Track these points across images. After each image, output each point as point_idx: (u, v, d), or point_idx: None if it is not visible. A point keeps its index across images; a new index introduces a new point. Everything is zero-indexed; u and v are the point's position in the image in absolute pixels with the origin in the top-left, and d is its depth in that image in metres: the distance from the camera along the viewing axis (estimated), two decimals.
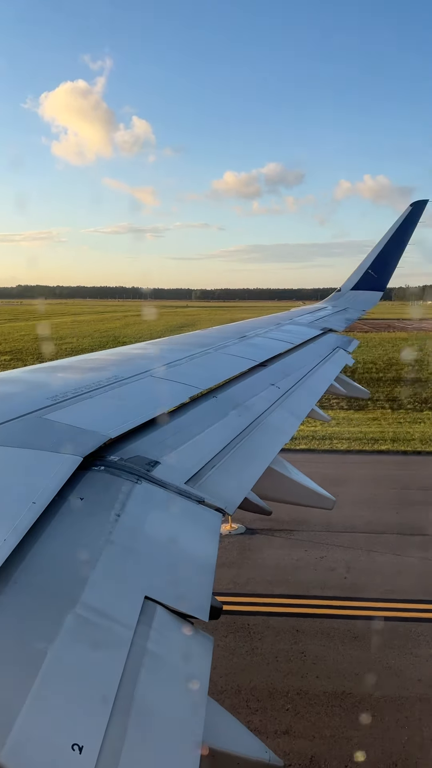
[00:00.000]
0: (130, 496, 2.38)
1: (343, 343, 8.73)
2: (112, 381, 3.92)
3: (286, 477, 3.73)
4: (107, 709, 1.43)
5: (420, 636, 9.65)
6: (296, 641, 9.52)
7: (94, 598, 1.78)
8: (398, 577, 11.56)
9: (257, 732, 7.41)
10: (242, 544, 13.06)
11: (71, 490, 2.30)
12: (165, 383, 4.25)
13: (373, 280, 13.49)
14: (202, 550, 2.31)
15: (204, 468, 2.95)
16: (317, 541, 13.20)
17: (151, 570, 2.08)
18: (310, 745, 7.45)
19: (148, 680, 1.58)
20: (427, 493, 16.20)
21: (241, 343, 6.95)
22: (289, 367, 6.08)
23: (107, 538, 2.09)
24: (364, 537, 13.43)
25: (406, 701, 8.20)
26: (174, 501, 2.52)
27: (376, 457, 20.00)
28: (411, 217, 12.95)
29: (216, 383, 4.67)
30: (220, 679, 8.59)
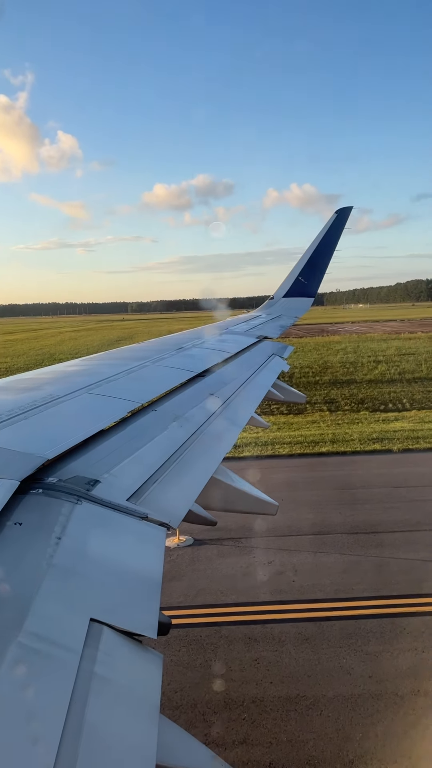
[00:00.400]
0: (71, 518, 2.33)
1: (278, 350, 8.87)
2: (47, 400, 3.84)
3: (230, 486, 3.75)
4: (56, 738, 1.40)
5: (369, 633, 9.85)
6: (249, 649, 9.55)
7: (37, 624, 1.74)
8: (344, 575, 11.79)
9: (215, 745, 7.42)
10: (191, 555, 13.01)
11: (8, 516, 2.23)
12: (103, 399, 4.20)
13: (304, 287, 13.78)
14: (147, 566, 2.28)
15: (146, 483, 2.93)
16: (265, 546, 13.30)
17: (96, 591, 2.04)
18: (268, 752, 7.46)
19: (97, 705, 1.55)
20: (367, 492, 16.62)
21: (179, 354, 6.96)
22: (227, 377, 6.13)
23: (48, 562, 2.04)
24: (309, 539, 13.63)
25: (358, 698, 8.34)
26: (116, 519, 2.49)
27: (318, 459, 20.38)
28: (336, 223, 13.32)
29: (155, 396, 4.65)
30: (175, 695, 8.50)
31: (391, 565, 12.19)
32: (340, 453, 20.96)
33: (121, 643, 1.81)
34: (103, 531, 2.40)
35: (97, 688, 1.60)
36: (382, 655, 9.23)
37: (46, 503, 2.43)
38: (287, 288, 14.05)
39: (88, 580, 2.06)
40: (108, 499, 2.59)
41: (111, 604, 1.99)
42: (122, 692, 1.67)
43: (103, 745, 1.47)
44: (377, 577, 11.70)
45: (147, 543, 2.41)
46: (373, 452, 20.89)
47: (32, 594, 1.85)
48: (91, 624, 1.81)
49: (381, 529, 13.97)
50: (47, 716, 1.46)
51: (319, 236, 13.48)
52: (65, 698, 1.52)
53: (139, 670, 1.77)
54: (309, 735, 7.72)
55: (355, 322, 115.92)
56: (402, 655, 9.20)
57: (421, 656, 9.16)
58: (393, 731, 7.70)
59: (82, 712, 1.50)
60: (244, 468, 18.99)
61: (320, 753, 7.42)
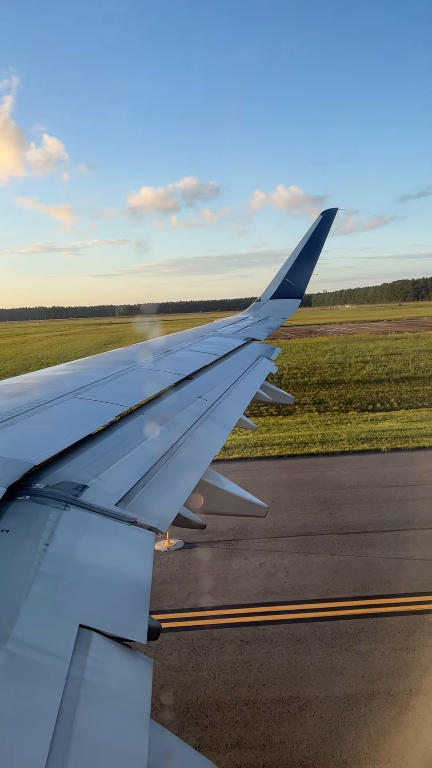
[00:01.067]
0: (59, 524, 2.32)
1: (266, 352, 8.88)
2: (34, 405, 3.82)
3: (219, 489, 3.75)
4: (45, 746, 1.39)
5: (360, 632, 9.88)
6: (241, 651, 9.54)
7: (26, 632, 1.72)
8: (336, 576, 11.81)
9: (208, 748, 7.40)
10: (181, 559, 12.99)
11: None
12: (91, 404, 4.18)
13: (291, 288, 13.82)
14: (136, 571, 2.28)
15: (135, 488, 2.92)
16: (256, 548, 13.31)
17: (85, 597, 2.03)
18: (261, 754, 7.46)
19: (87, 711, 1.54)
20: (357, 492, 16.67)
21: (166, 357, 6.95)
22: (215, 379, 6.12)
23: (36, 569, 2.03)
24: (300, 540, 13.65)
25: (351, 698, 8.36)
26: (105, 524, 2.48)
27: (307, 460, 20.42)
28: (322, 225, 13.38)
29: (143, 400, 4.64)
30: (168, 699, 8.48)
31: (381, 564, 12.23)
32: (330, 453, 21.02)
33: (111, 649, 1.80)
34: (91, 536, 2.39)
35: (86, 694, 1.59)
36: (373, 654, 9.26)
37: (33, 509, 2.41)
38: (274, 289, 14.09)
39: (76, 586, 2.05)
40: (96, 504, 2.58)
41: (100, 609, 1.98)
42: (112, 698, 1.66)
43: (94, 752, 1.46)
44: (368, 576, 11.74)
45: (136, 548, 2.40)
46: (362, 452, 20.98)
47: (20, 601, 1.84)
48: (81, 630, 1.81)
49: (371, 529, 14.02)
50: (36, 724, 1.45)
51: (306, 238, 13.53)
52: (55, 705, 1.51)
53: (129, 675, 1.77)
54: (302, 736, 7.72)
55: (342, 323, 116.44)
56: (393, 654, 9.24)
57: (412, 655, 9.20)
58: (386, 731, 7.72)
59: (72, 719, 1.49)
60: (234, 470, 19.00)
61: (314, 754, 7.42)
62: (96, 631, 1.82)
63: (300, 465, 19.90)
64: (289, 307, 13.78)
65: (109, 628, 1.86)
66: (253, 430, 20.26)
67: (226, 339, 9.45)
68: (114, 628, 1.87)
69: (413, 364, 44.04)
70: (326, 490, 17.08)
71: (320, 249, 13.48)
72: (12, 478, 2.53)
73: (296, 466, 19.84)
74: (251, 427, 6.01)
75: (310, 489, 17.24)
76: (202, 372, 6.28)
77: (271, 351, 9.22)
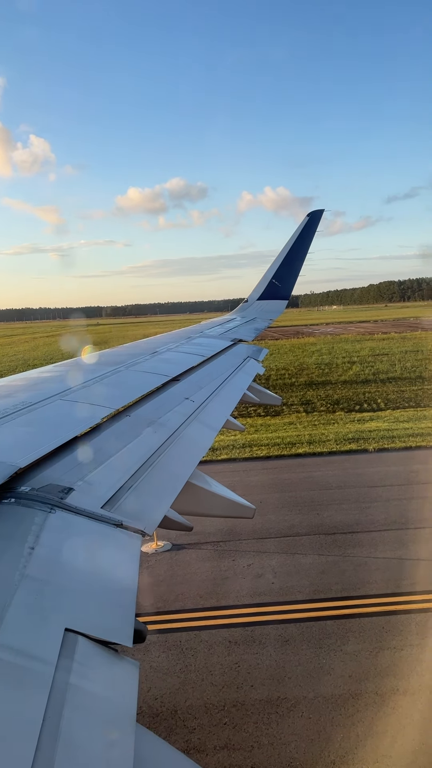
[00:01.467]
0: (44, 527, 2.30)
1: (253, 353, 8.89)
2: (19, 407, 3.79)
3: (206, 490, 3.74)
4: (30, 751, 1.38)
5: (348, 632, 9.92)
6: (229, 653, 9.54)
7: (10, 636, 1.71)
8: (323, 576, 11.85)
9: (197, 750, 7.39)
10: (169, 560, 12.96)
11: None
12: (77, 405, 4.16)
13: (278, 290, 13.86)
14: (122, 573, 2.26)
15: (121, 490, 2.91)
16: (244, 549, 13.32)
17: (71, 601, 2.01)
18: (250, 755, 7.46)
19: (72, 716, 1.53)
20: (344, 492, 16.74)
21: (153, 358, 6.93)
22: (202, 380, 6.12)
23: (21, 573, 2.01)
24: (288, 540, 13.68)
25: (339, 698, 8.38)
26: (91, 527, 2.46)
27: (295, 461, 20.47)
28: (309, 226, 13.43)
29: (129, 401, 4.63)
30: (155, 702, 8.46)
31: (368, 564, 12.29)
32: (317, 454, 21.09)
33: (97, 653, 1.79)
34: (77, 540, 2.37)
35: (72, 698, 1.58)
36: (360, 654, 9.30)
37: (18, 513, 2.40)
38: (261, 291, 14.11)
39: (62, 590, 2.03)
40: (82, 507, 2.57)
41: (86, 613, 1.96)
42: (98, 702, 1.65)
43: (79, 757, 1.45)
44: (355, 577, 11.79)
45: (122, 550, 2.39)
46: (349, 452, 21.07)
47: (5, 605, 1.83)
48: (66, 634, 1.79)
49: (358, 529, 14.08)
50: (22, 728, 1.44)
51: (292, 239, 13.57)
52: (40, 710, 1.50)
53: (115, 679, 1.76)
54: (291, 737, 7.73)
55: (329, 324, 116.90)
56: (381, 654, 9.28)
57: (399, 654, 9.24)
58: (374, 731, 7.75)
59: (58, 724, 1.48)
60: (222, 471, 19.01)
61: (302, 755, 7.43)
62: (82, 635, 1.81)
63: (288, 465, 19.95)
64: (276, 308, 13.82)
65: (95, 632, 1.85)
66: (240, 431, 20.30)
67: (214, 340, 9.45)
68: (100, 632, 1.86)
69: (400, 365, 44.31)
70: (314, 490, 17.13)
71: (307, 250, 13.53)
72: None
73: (284, 466, 19.88)
74: (238, 428, 6.01)
75: (297, 489, 17.28)
76: (189, 373, 6.28)
77: (259, 352, 9.23)
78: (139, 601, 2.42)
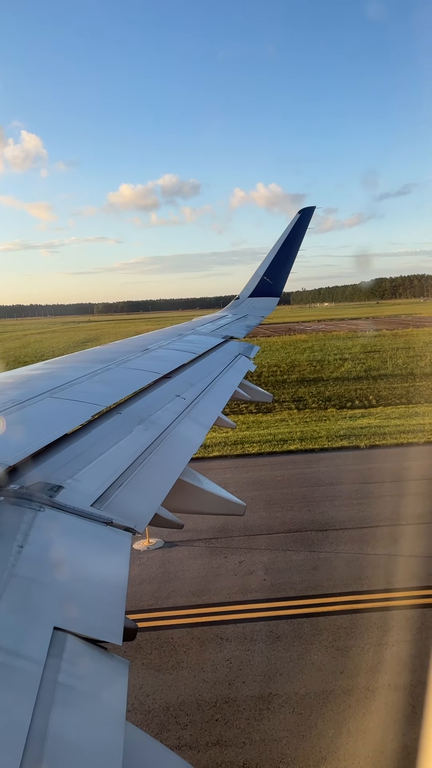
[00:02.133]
0: (33, 525, 2.29)
1: (244, 350, 8.89)
2: (8, 405, 3.77)
3: (197, 488, 3.73)
4: (19, 750, 1.37)
5: (340, 628, 9.95)
6: (221, 649, 9.55)
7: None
8: (315, 572, 11.88)
9: (188, 747, 7.40)
10: (161, 558, 12.96)
11: None
12: (66, 403, 4.14)
13: (269, 287, 13.86)
14: (112, 572, 2.26)
15: (111, 488, 2.90)
16: (236, 546, 13.33)
17: (60, 599, 2.00)
18: (242, 752, 7.47)
19: (61, 714, 1.52)
20: (335, 488, 16.79)
21: (144, 356, 6.91)
22: (194, 377, 6.11)
23: (10, 572, 2.00)
24: (280, 537, 13.71)
25: (330, 695, 8.41)
26: (80, 525, 2.45)
27: (287, 457, 20.51)
28: (300, 223, 13.43)
29: (120, 399, 4.61)
30: (147, 699, 8.46)
31: (360, 560, 12.33)
32: (309, 450, 21.13)
33: (86, 651, 1.79)
34: (66, 538, 2.36)
35: (61, 697, 1.57)
36: (352, 651, 9.33)
37: (7, 511, 2.38)
38: (253, 288, 14.11)
39: (51, 588, 2.02)
40: (72, 505, 2.56)
41: (75, 611, 1.96)
42: (87, 701, 1.64)
43: (68, 756, 1.44)
44: (347, 573, 11.82)
45: (112, 549, 2.38)
46: (340, 449, 21.12)
47: None
48: (55, 632, 1.78)
49: (350, 526, 14.12)
50: (10, 727, 1.43)
51: (283, 236, 13.57)
52: (28, 709, 1.49)
53: (105, 677, 1.75)
54: (282, 733, 7.75)
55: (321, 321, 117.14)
56: (372, 650, 9.32)
57: (391, 650, 9.29)
58: (365, 726, 7.79)
59: (46, 723, 1.47)
60: (214, 468, 19.02)
61: (293, 751, 7.46)
62: (71, 634, 1.80)
63: (279, 462, 19.98)
64: (267, 305, 13.82)
65: (85, 630, 1.84)
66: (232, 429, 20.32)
67: (205, 337, 9.44)
68: (89, 630, 1.85)
69: (391, 362, 44.47)
70: (305, 487, 17.17)
71: (298, 247, 13.53)
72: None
73: (276, 463, 19.91)
74: (229, 426, 6.01)
75: (289, 486, 17.31)
76: (180, 370, 6.27)
77: (250, 349, 9.23)
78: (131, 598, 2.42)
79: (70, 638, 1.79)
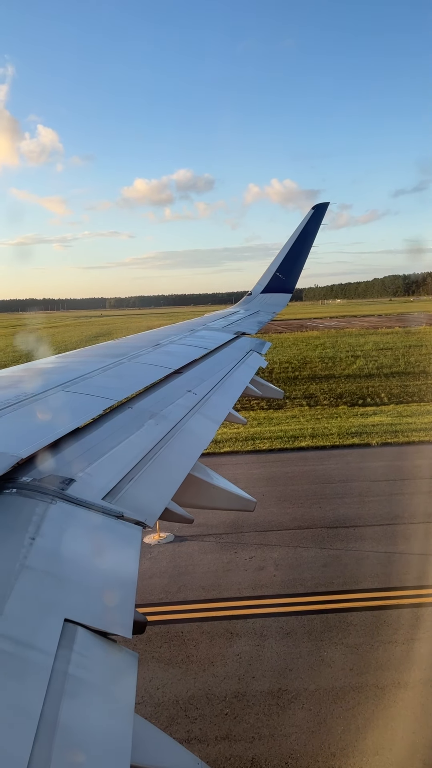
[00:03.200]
0: (45, 518, 2.30)
1: (256, 346, 8.87)
2: (21, 398, 3.79)
3: (207, 483, 3.73)
4: (29, 740, 1.38)
5: (350, 625, 9.94)
6: (231, 644, 9.57)
7: (10, 626, 1.71)
8: (325, 569, 11.87)
9: (198, 741, 7.43)
10: (172, 552, 13.00)
11: None
12: (78, 397, 4.16)
13: (282, 282, 13.82)
14: (122, 565, 2.27)
15: (122, 481, 2.90)
16: (246, 542, 13.34)
17: (71, 591, 2.02)
18: (251, 746, 7.50)
19: (71, 706, 1.53)
20: (346, 486, 16.74)
21: (156, 351, 6.92)
22: (205, 373, 6.10)
23: (22, 564, 2.01)
24: (290, 533, 13.70)
25: (339, 691, 8.41)
26: (91, 518, 2.46)
27: (298, 454, 20.47)
28: (313, 219, 13.36)
29: (131, 393, 4.62)
30: (157, 692, 8.50)
31: (370, 558, 12.30)
32: (320, 447, 21.09)
33: (96, 643, 1.79)
34: (77, 530, 2.37)
35: (71, 689, 1.58)
36: (362, 648, 9.32)
37: (19, 503, 2.40)
38: (265, 284, 14.07)
39: (62, 581, 2.03)
40: (83, 498, 2.57)
41: (85, 604, 1.97)
42: (96, 693, 1.65)
43: (77, 747, 1.45)
44: (357, 570, 11.80)
45: (122, 542, 2.38)
46: (352, 446, 21.06)
47: (5, 596, 1.83)
48: (66, 624, 1.79)
49: (360, 523, 14.09)
50: (20, 718, 1.44)
51: (297, 232, 13.52)
52: (39, 700, 1.50)
53: (114, 670, 1.76)
54: (291, 729, 7.77)
55: (333, 318, 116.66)
56: (382, 647, 9.30)
57: (401, 648, 9.26)
58: (374, 723, 7.78)
59: (56, 714, 1.48)
60: (225, 464, 19.03)
61: (302, 746, 7.47)
62: (81, 626, 1.81)
63: (290, 459, 19.96)
64: (279, 301, 13.78)
65: (95, 623, 1.85)
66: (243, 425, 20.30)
67: (217, 333, 9.43)
68: (99, 623, 1.86)
69: (403, 359, 44.20)
70: (316, 484, 17.14)
71: (311, 243, 13.47)
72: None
73: (286, 460, 19.89)
74: (240, 422, 6.00)
75: (300, 483, 17.29)
76: (191, 366, 6.26)
77: (262, 345, 9.21)
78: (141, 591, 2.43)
79: (80, 630, 1.80)
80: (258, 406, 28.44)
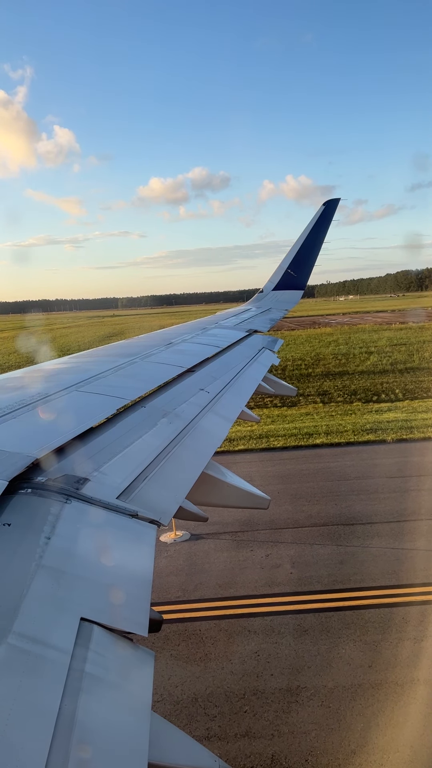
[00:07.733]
0: (60, 517, 2.31)
1: (268, 344, 8.85)
2: (36, 398, 3.81)
3: (221, 481, 3.73)
4: (47, 738, 1.39)
5: (368, 623, 9.89)
6: (248, 642, 9.57)
7: (28, 625, 1.72)
8: (341, 566, 11.82)
9: (217, 738, 7.44)
10: (188, 550, 13.02)
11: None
12: (92, 397, 4.17)
13: (293, 280, 13.77)
14: (137, 564, 2.27)
15: (136, 480, 2.91)
16: (262, 539, 13.33)
17: (86, 590, 2.02)
18: (270, 744, 7.49)
19: (88, 704, 1.54)
20: (362, 482, 16.66)
21: (168, 349, 6.93)
22: (217, 371, 6.11)
23: (38, 563, 2.02)
24: (306, 531, 13.66)
25: (359, 688, 8.38)
26: (106, 517, 2.47)
27: (312, 451, 20.40)
28: (324, 215, 13.30)
29: (144, 392, 4.63)
30: (176, 689, 8.52)
31: (387, 555, 12.23)
32: (335, 444, 21.00)
33: (112, 642, 1.80)
34: (92, 529, 2.38)
35: (88, 687, 1.59)
36: (381, 645, 9.27)
37: (35, 503, 2.41)
38: (277, 281, 14.04)
39: (78, 580, 2.04)
40: (97, 497, 2.58)
41: (101, 602, 1.97)
42: (113, 691, 1.66)
43: (95, 745, 1.46)
44: (374, 567, 11.74)
45: (137, 540, 2.39)
46: (367, 443, 20.95)
47: (21, 594, 1.84)
48: (82, 623, 1.80)
49: (377, 520, 14.01)
50: (38, 716, 1.45)
51: (308, 229, 13.46)
52: (56, 698, 1.51)
53: (131, 668, 1.76)
54: (310, 726, 7.75)
55: (346, 314, 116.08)
56: (401, 645, 9.24)
57: (420, 645, 9.21)
58: (394, 720, 7.74)
59: (74, 712, 1.49)
60: (239, 461, 19.02)
61: (322, 744, 7.45)
62: (97, 624, 1.82)
63: (305, 456, 19.90)
64: (291, 298, 13.74)
65: (111, 621, 1.86)
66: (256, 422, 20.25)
67: (229, 331, 9.43)
68: (115, 621, 1.87)
69: (418, 355, 43.89)
70: (331, 481, 17.08)
71: (322, 240, 13.41)
72: (14, 471, 2.53)
73: (301, 457, 19.83)
74: (254, 419, 5.99)
75: (315, 480, 17.24)
76: (204, 364, 6.27)
77: (274, 343, 9.19)
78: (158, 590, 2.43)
79: (96, 629, 1.80)
80: (271, 404, 28.38)
